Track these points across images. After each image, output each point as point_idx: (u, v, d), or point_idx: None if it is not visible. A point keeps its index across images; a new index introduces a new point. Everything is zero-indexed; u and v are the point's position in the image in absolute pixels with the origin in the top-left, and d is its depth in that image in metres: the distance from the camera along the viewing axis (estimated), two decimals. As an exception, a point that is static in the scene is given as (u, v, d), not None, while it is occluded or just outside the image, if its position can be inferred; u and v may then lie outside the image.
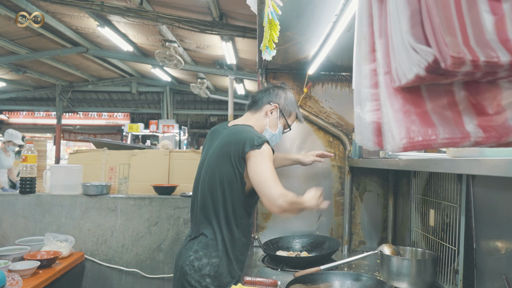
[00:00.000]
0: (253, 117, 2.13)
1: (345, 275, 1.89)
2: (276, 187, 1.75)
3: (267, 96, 2.15)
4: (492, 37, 0.55)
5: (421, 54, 0.55)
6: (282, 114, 2.13)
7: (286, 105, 2.15)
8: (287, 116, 2.15)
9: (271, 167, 1.81)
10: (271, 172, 1.80)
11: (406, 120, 0.61)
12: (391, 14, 0.61)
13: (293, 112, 2.19)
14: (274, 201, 1.73)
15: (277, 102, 2.13)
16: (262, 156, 1.81)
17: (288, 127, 2.19)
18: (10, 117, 18.16)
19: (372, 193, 2.74)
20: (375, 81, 0.68)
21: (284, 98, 2.15)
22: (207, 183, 1.96)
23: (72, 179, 2.96)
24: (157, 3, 6.87)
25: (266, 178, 1.77)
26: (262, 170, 1.79)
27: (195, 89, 11.76)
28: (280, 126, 2.14)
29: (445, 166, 1.18)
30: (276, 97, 2.14)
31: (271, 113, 2.12)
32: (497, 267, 1.51)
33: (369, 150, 0.70)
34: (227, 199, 1.89)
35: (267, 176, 1.78)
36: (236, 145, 1.87)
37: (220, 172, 1.91)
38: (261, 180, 1.78)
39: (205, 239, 1.91)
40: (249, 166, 1.83)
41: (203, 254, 1.88)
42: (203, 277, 1.85)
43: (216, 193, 1.91)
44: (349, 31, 1.79)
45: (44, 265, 2.38)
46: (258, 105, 2.14)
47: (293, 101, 2.20)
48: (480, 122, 0.61)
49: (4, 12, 7.28)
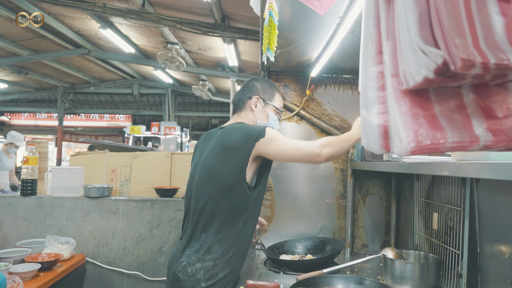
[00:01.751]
0: (240, 116, 2.11)
1: (348, 279, 1.88)
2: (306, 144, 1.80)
3: (243, 93, 2.13)
4: (502, 39, 0.54)
5: (430, 56, 0.54)
6: (265, 102, 2.10)
7: (265, 92, 2.12)
8: (271, 101, 2.12)
9: (287, 140, 1.83)
10: (292, 142, 1.82)
11: (414, 123, 0.60)
12: (399, 16, 0.60)
13: (274, 94, 2.14)
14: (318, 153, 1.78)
15: (256, 93, 2.10)
16: (272, 139, 1.82)
17: (278, 110, 2.15)
18: (12, 118, 18.18)
19: (375, 196, 2.72)
20: (382, 83, 0.67)
21: (261, 86, 2.13)
22: (204, 185, 1.90)
23: (74, 181, 2.95)
24: (159, 5, 6.88)
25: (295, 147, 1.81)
26: (284, 147, 1.81)
27: (197, 91, 11.76)
28: (270, 114, 2.11)
29: (450, 169, 1.17)
30: (252, 89, 2.12)
31: (255, 106, 2.09)
32: (501, 271, 1.50)
33: (376, 153, 0.69)
34: (226, 203, 1.84)
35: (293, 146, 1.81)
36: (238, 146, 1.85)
37: (219, 176, 1.86)
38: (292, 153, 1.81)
39: (198, 243, 1.86)
40: (267, 154, 1.84)
41: (196, 259, 1.83)
42: (198, 282, 1.80)
43: (215, 197, 1.86)
44: (353, 33, 1.78)
45: (45, 267, 2.37)
46: (240, 106, 2.13)
47: (270, 84, 2.16)
48: (489, 126, 0.60)
49: (6, 13, 7.29)
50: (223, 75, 10.62)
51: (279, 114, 2.17)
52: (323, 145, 1.79)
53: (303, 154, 1.80)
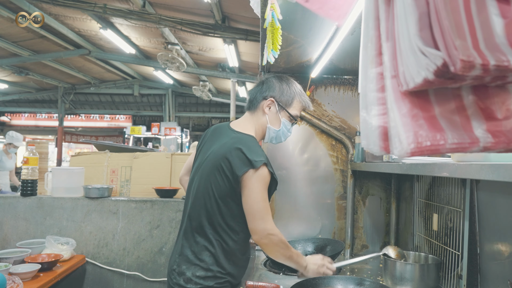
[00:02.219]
0: (253, 117, 1.96)
1: (348, 280, 1.88)
2: (265, 222, 1.71)
3: (260, 91, 1.96)
4: (502, 41, 0.54)
5: (429, 58, 0.54)
6: (281, 106, 1.92)
7: (282, 95, 1.93)
8: (287, 107, 1.93)
9: (263, 197, 1.72)
10: (263, 204, 1.71)
11: (414, 125, 0.60)
12: (399, 17, 0.60)
13: (293, 100, 1.94)
14: (259, 234, 1.71)
15: (272, 95, 1.93)
16: (259, 181, 1.70)
17: (293, 119, 1.96)
18: (12, 119, 18.19)
19: (375, 197, 2.72)
20: (381, 84, 0.67)
21: (279, 88, 1.93)
22: (200, 193, 1.83)
23: (74, 181, 2.95)
24: (159, 6, 6.88)
25: (257, 210, 1.70)
26: (253, 199, 1.70)
27: (197, 91, 11.77)
28: (283, 119, 1.93)
29: (450, 170, 1.17)
30: (269, 89, 1.94)
31: (269, 108, 1.92)
32: (501, 272, 1.50)
33: (375, 154, 0.69)
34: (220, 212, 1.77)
35: (257, 208, 1.70)
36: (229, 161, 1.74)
37: (214, 185, 1.78)
38: (252, 211, 1.71)
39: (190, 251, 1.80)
40: (243, 188, 1.72)
41: (187, 268, 1.78)
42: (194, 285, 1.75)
43: (209, 205, 1.79)
44: (353, 34, 1.78)
45: (45, 268, 2.37)
46: (254, 104, 1.96)
47: (292, 89, 1.96)
48: (489, 127, 0.60)
49: (6, 14, 7.30)
50: (223, 75, 10.62)
51: (294, 122, 1.99)
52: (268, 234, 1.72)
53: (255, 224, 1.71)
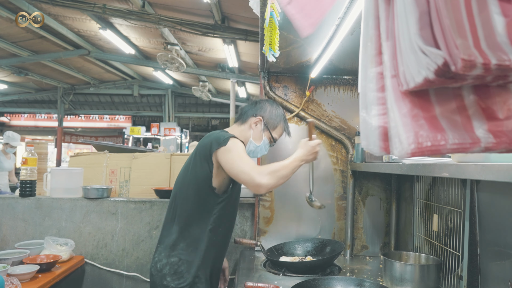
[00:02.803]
0: (239, 128, 2.20)
1: (347, 281, 1.88)
2: (253, 170, 1.81)
3: (252, 109, 2.21)
4: (504, 40, 0.54)
5: (430, 57, 0.54)
6: (266, 127, 2.18)
7: (271, 118, 2.19)
8: (271, 129, 2.19)
9: (242, 155, 1.87)
10: (243, 160, 1.85)
11: (414, 125, 0.59)
12: (399, 16, 0.59)
13: (278, 125, 2.21)
14: (257, 183, 1.79)
15: (262, 115, 2.18)
16: (230, 150, 1.89)
17: (272, 140, 2.22)
18: (12, 119, 18.16)
19: (375, 198, 2.71)
20: (381, 84, 0.67)
21: (269, 111, 2.20)
22: (178, 184, 2.09)
23: (73, 182, 2.94)
24: (159, 6, 6.88)
25: (241, 166, 1.84)
26: (233, 162, 1.86)
27: (197, 92, 11.76)
28: (265, 138, 2.18)
29: (450, 171, 1.16)
30: (261, 110, 2.20)
31: (256, 125, 2.17)
32: (502, 273, 1.49)
33: (375, 155, 0.69)
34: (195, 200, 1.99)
35: (240, 164, 1.84)
36: (204, 147, 1.98)
37: (191, 175, 2.02)
38: (238, 170, 1.84)
39: (167, 239, 2.01)
40: (222, 164, 1.91)
41: (164, 255, 1.98)
42: (164, 277, 1.95)
43: (185, 194, 2.02)
44: (353, 34, 1.77)
45: (43, 269, 2.36)
46: (244, 118, 2.21)
47: (280, 115, 2.23)
48: (491, 127, 0.60)
49: (6, 14, 7.29)
50: (223, 76, 10.61)
51: (272, 143, 2.24)
52: (265, 173, 1.81)
53: (244, 178, 1.83)
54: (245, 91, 13.42)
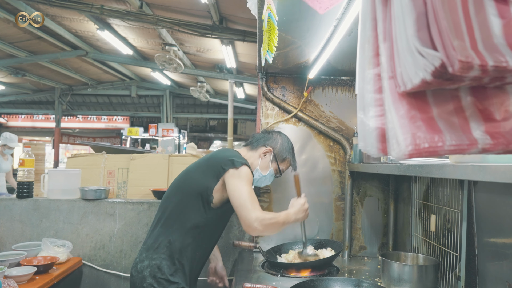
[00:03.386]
0: (248, 153, 2.23)
1: (345, 281, 1.88)
2: (253, 210, 1.84)
3: (264, 139, 2.27)
4: (500, 41, 0.54)
5: (427, 59, 0.54)
6: (275, 159, 2.23)
7: (281, 151, 2.24)
8: (279, 161, 2.25)
9: (249, 190, 1.90)
10: (249, 195, 1.88)
11: (412, 126, 0.59)
12: (396, 17, 0.59)
13: (287, 158, 2.27)
14: (250, 224, 1.83)
15: (273, 146, 2.24)
16: (241, 178, 1.92)
17: (279, 172, 2.27)
18: (9, 120, 18.12)
19: (373, 198, 2.72)
20: (379, 86, 0.67)
21: (281, 144, 2.26)
22: (173, 188, 2.09)
23: (70, 183, 2.93)
24: (157, 7, 6.87)
25: (244, 201, 1.86)
26: (240, 192, 1.88)
27: (195, 92, 11.76)
28: (271, 169, 2.23)
29: (448, 171, 1.16)
30: (273, 141, 2.25)
31: (265, 155, 2.22)
32: (499, 273, 1.50)
33: (373, 156, 0.69)
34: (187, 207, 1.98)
35: (245, 199, 1.86)
36: (217, 161, 1.99)
37: (190, 181, 2.03)
38: (239, 203, 1.87)
39: (152, 241, 2.00)
40: (227, 185, 1.93)
41: (145, 256, 1.96)
42: (144, 279, 1.92)
43: (178, 199, 2.02)
44: (350, 35, 1.77)
45: (40, 270, 2.35)
46: (254, 145, 2.25)
47: (289, 149, 2.29)
48: (488, 129, 0.60)
49: (3, 15, 7.27)
50: (221, 76, 10.61)
51: (277, 175, 2.30)
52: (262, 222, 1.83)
53: (242, 213, 1.86)
54: (243, 91, 13.43)
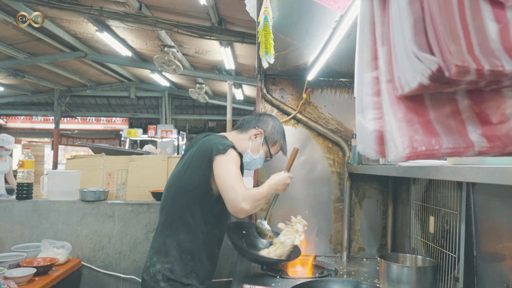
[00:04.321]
0: (237, 136, 2.18)
1: (344, 283, 1.88)
2: (239, 191, 1.79)
3: (255, 120, 2.21)
4: (497, 46, 0.55)
5: (424, 63, 0.55)
6: (265, 141, 2.17)
7: (272, 134, 2.18)
8: (270, 144, 2.19)
9: (235, 171, 1.85)
10: (235, 177, 1.83)
11: (409, 129, 0.60)
12: (394, 22, 0.60)
13: (278, 141, 2.21)
14: (237, 205, 1.77)
15: (263, 129, 2.17)
16: (227, 161, 1.86)
17: (270, 155, 2.22)
18: (8, 121, 18.10)
19: (372, 200, 2.72)
20: (377, 89, 0.67)
21: (272, 127, 2.19)
22: (170, 188, 2.03)
23: (70, 184, 2.93)
24: (156, 9, 6.88)
25: (230, 182, 1.81)
26: (226, 174, 1.83)
27: (194, 94, 11.75)
28: (262, 152, 2.17)
29: (446, 173, 1.17)
30: (264, 123, 2.19)
31: (255, 137, 2.16)
32: (498, 274, 1.50)
33: (371, 158, 0.69)
34: (189, 205, 1.93)
35: (230, 180, 1.81)
36: (204, 152, 1.93)
37: (186, 179, 1.97)
38: (225, 185, 1.82)
39: (160, 244, 1.96)
40: (214, 171, 1.88)
41: (156, 260, 1.93)
42: (157, 283, 1.89)
43: (178, 199, 1.96)
44: (349, 37, 1.78)
45: (40, 272, 2.35)
46: (245, 127, 2.20)
47: (281, 132, 2.23)
48: (484, 132, 0.61)
49: (2, 16, 7.27)
50: (220, 78, 10.61)
51: (267, 158, 2.24)
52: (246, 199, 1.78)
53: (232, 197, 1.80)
54: (242, 93, 13.43)
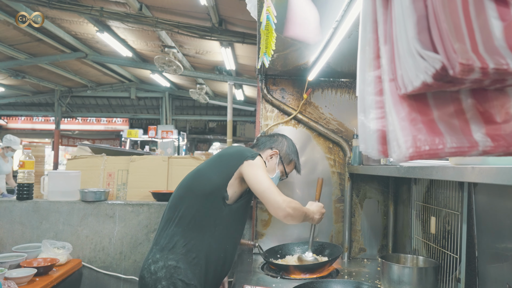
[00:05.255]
0: None
1: (345, 283, 1.88)
2: (279, 194, 1.88)
3: (270, 141, 2.30)
4: (501, 44, 0.54)
5: (428, 61, 0.54)
6: (281, 161, 2.25)
7: (287, 154, 2.28)
8: (286, 164, 2.27)
9: (268, 176, 1.95)
10: (270, 181, 1.93)
11: (413, 129, 0.59)
12: (397, 20, 0.60)
13: (292, 160, 2.31)
14: (279, 205, 1.85)
15: (279, 149, 2.26)
16: (258, 166, 1.95)
17: (285, 174, 2.30)
18: (9, 122, 18.12)
19: (372, 200, 2.72)
20: (379, 88, 0.67)
21: (287, 146, 2.29)
22: (184, 187, 2.05)
23: (70, 185, 2.93)
24: (156, 9, 6.88)
25: (269, 186, 1.89)
26: (262, 178, 1.91)
27: (194, 94, 11.76)
28: (278, 171, 2.25)
29: (448, 174, 1.16)
30: (279, 144, 2.28)
31: (271, 158, 2.24)
32: (500, 275, 1.49)
33: (374, 158, 0.69)
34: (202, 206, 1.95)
35: (269, 184, 1.90)
36: (231, 155, 2.00)
37: (203, 180, 2.01)
38: (264, 187, 1.89)
39: (165, 241, 1.95)
40: (247, 176, 1.93)
41: (160, 257, 1.91)
42: (159, 280, 1.86)
43: (190, 198, 1.98)
44: (350, 37, 1.78)
45: (40, 272, 2.35)
46: (260, 148, 2.28)
47: (295, 151, 2.33)
48: (488, 131, 0.60)
49: (3, 17, 7.28)
50: (220, 78, 10.62)
51: (283, 177, 2.33)
52: (290, 204, 1.89)
53: (269, 197, 1.88)
54: (243, 93, 13.43)
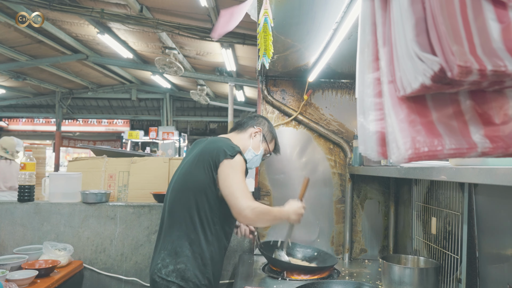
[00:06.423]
0: (237, 136, 2.27)
1: (346, 284, 1.88)
2: (243, 198, 1.86)
3: (252, 121, 2.33)
4: (499, 46, 0.54)
5: (426, 63, 0.54)
6: (264, 139, 2.31)
7: (268, 131, 2.33)
8: (268, 142, 2.33)
9: (240, 179, 1.93)
10: (240, 184, 1.90)
11: (412, 130, 0.59)
12: (396, 22, 0.60)
13: (272, 140, 2.37)
14: (240, 211, 1.85)
15: (261, 127, 2.31)
16: (234, 167, 1.93)
17: (268, 152, 2.36)
18: (10, 124, 18.13)
19: (373, 201, 2.72)
20: (379, 90, 0.67)
21: (268, 126, 2.35)
22: (178, 189, 2.05)
23: (71, 187, 2.93)
24: (157, 10, 6.89)
25: (235, 190, 1.88)
26: (231, 181, 1.91)
27: (195, 96, 11.76)
28: (262, 149, 2.30)
29: (448, 174, 1.17)
30: (260, 123, 2.33)
31: (255, 135, 2.28)
32: (500, 276, 1.49)
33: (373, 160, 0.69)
34: (197, 205, 1.97)
35: (236, 187, 1.88)
36: (211, 154, 1.99)
37: (193, 179, 2.01)
38: (230, 191, 1.89)
39: (172, 245, 1.97)
40: (219, 175, 1.94)
41: (169, 262, 1.95)
42: (171, 284, 1.91)
43: (186, 199, 1.99)
44: (350, 38, 1.78)
45: (42, 274, 2.35)
46: (243, 127, 2.31)
47: (274, 131, 2.39)
48: (487, 132, 0.60)
49: (4, 19, 7.29)
50: (221, 79, 10.62)
51: (267, 155, 2.38)
52: (254, 210, 1.86)
53: (233, 200, 1.88)
54: (243, 94, 13.43)
